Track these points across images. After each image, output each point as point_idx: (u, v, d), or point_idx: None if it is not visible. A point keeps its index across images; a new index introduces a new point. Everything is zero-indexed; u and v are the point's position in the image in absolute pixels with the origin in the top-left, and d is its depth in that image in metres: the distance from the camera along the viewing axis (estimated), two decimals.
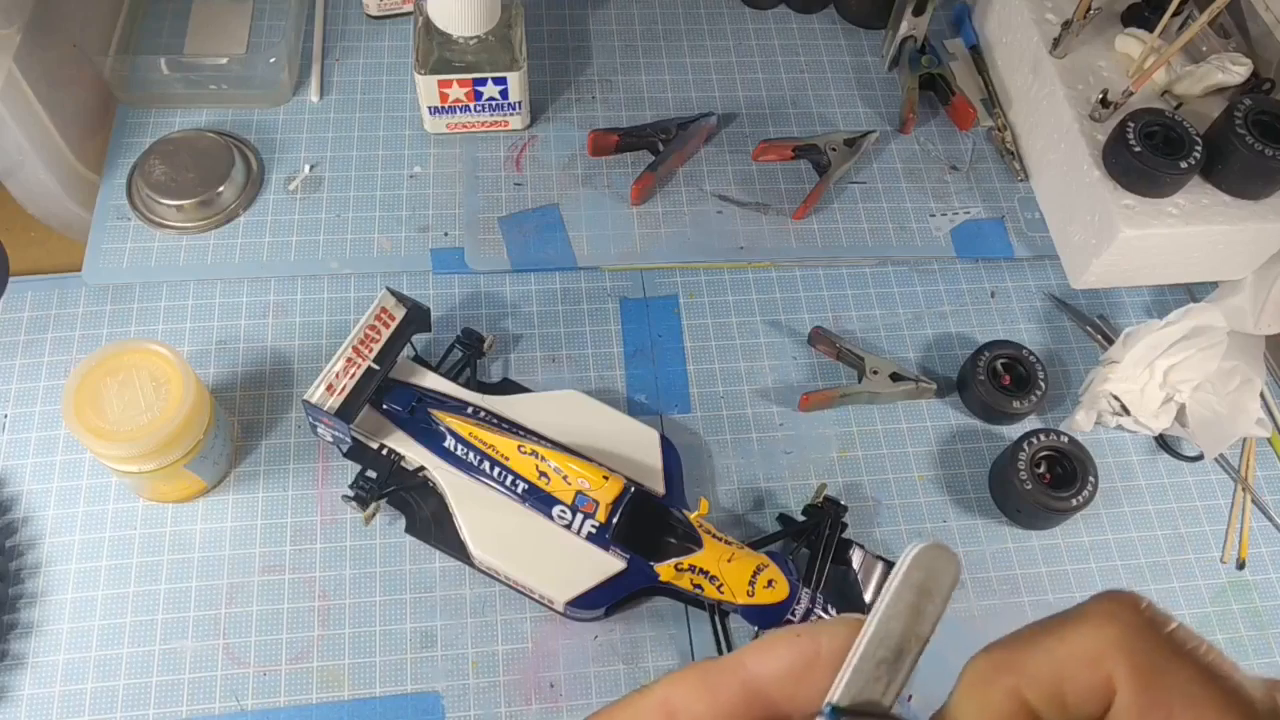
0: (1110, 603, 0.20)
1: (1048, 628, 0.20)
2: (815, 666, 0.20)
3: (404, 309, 0.62)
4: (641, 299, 0.72)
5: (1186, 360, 0.67)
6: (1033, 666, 0.20)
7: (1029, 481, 0.63)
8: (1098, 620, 0.19)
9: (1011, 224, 0.77)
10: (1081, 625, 0.20)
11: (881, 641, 0.20)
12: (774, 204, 0.76)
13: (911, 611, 0.20)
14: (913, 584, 0.20)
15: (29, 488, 0.62)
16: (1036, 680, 0.20)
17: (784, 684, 0.20)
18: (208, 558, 0.61)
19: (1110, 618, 0.19)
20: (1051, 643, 0.20)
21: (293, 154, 0.76)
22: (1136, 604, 0.19)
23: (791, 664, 0.20)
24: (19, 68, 0.66)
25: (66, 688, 0.57)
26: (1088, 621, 0.20)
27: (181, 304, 0.69)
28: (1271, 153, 0.64)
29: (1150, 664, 0.19)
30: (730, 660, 0.21)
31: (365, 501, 0.60)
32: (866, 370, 0.69)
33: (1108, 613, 0.19)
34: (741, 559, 0.57)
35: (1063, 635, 0.20)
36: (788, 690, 0.20)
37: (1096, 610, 0.20)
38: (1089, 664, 0.19)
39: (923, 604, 0.20)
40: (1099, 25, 0.76)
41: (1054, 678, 0.19)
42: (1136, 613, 0.19)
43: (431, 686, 0.58)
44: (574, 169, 0.77)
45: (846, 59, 0.85)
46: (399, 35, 0.83)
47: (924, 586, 0.20)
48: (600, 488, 0.58)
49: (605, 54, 0.84)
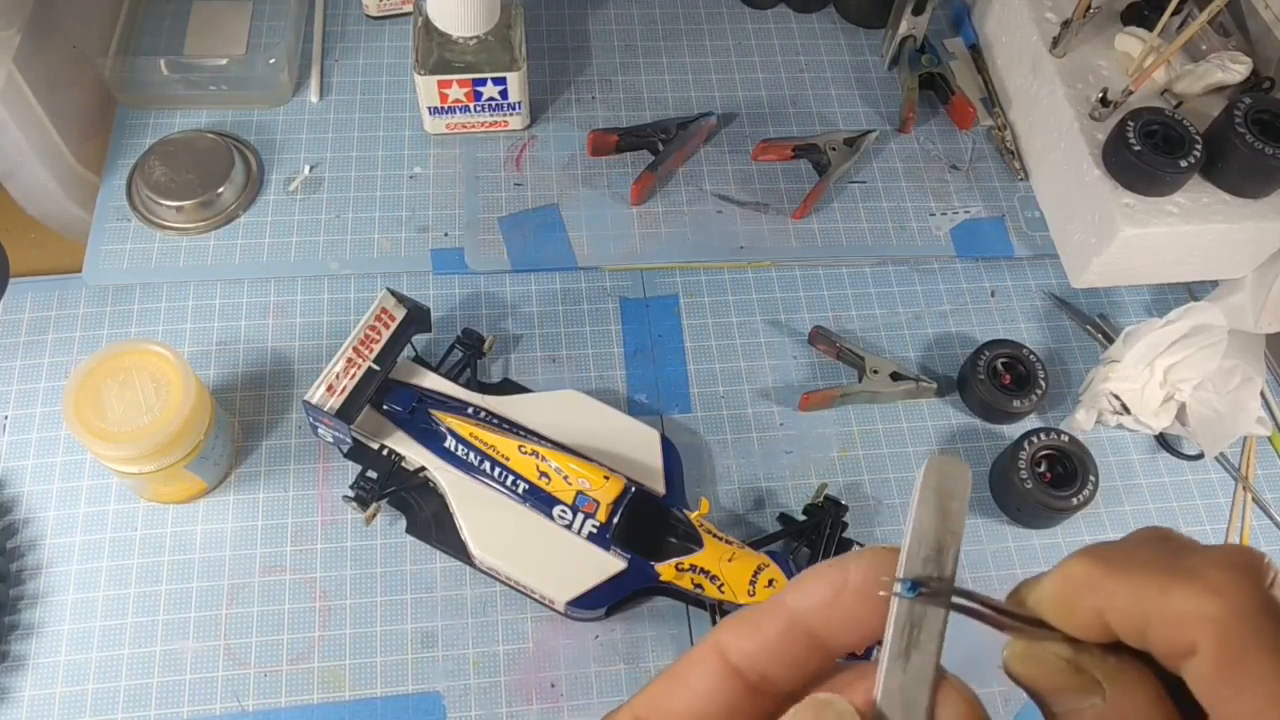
0: (1226, 572, 0.19)
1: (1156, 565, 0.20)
2: (844, 593, 0.21)
3: (404, 309, 0.62)
4: (641, 299, 0.72)
5: (1187, 359, 0.67)
6: (1124, 603, 0.20)
7: (1029, 481, 0.63)
8: (1205, 589, 0.19)
9: (1011, 223, 0.77)
10: (1189, 586, 0.19)
11: (921, 540, 0.21)
12: (774, 204, 0.76)
13: (940, 513, 0.22)
14: (933, 488, 0.22)
15: (29, 489, 0.62)
16: (1123, 615, 0.20)
17: (820, 613, 0.21)
18: (208, 559, 0.61)
19: (1217, 592, 0.19)
20: (1151, 590, 0.20)
21: (292, 154, 0.76)
22: (1258, 581, 0.19)
23: (823, 595, 0.21)
24: (19, 69, 0.66)
25: (68, 689, 0.57)
26: (1195, 585, 0.19)
27: (182, 305, 0.69)
28: (1271, 151, 0.64)
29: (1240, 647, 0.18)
30: (773, 600, 0.22)
31: (366, 502, 0.60)
32: (867, 370, 0.69)
33: (1218, 585, 0.19)
34: (742, 559, 0.57)
35: (1165, 588, 0.19)
36: (823, 618, 0.21)
37: (1210, 576, 0.19)
38: (1178, 625, 0.19)
39: (946, 504, 0.22)
40: (1098, 24, 0.76)
41: (1140, 621, 0.20)
42: (1251, 592, 0.19)
43: (432, 687, 0.58)
44: (574, 169, 0.77)
45: (846, 58, 0.85)
46: (399, 35, 0.83)
47: (943, 489, 0.22)
48: (601, 488, 0.58)
49: (605, 54, 0.84)
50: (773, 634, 0.22)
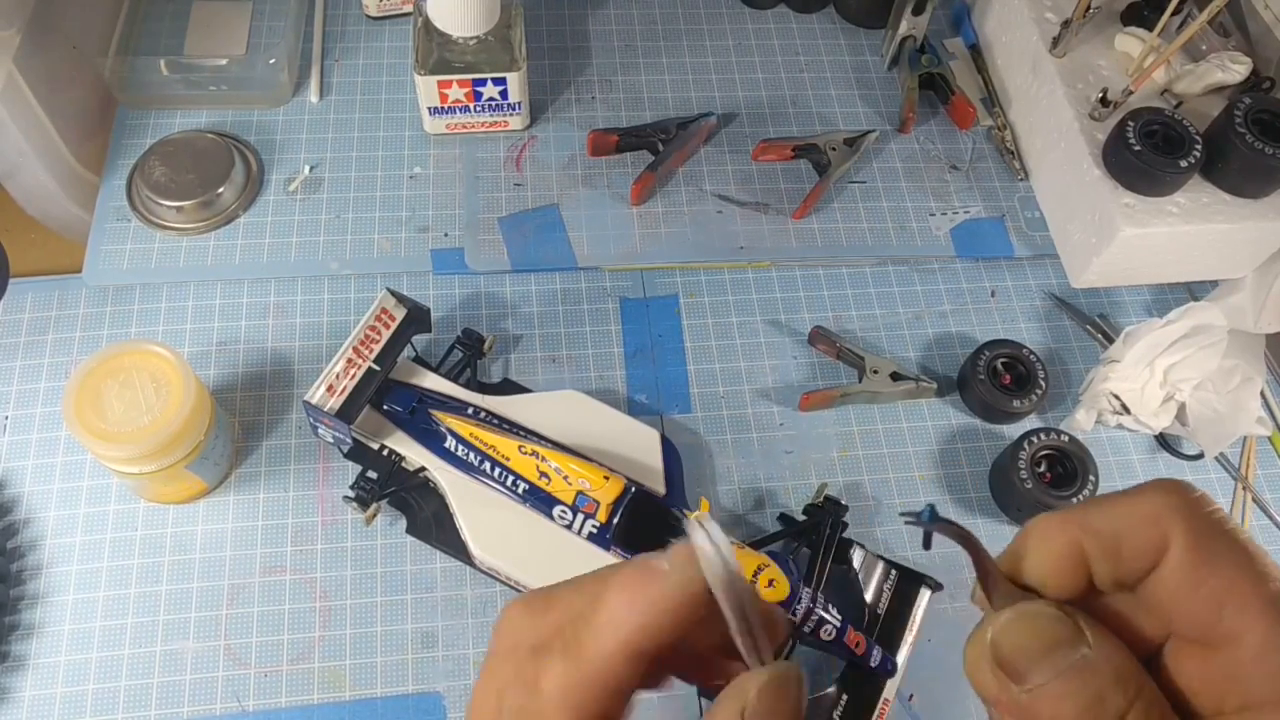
0: (1167, 481, 0.23)
1: (1109, 497, 0.23)
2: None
3: (404, 309, 0.62)
4: (641, 299, 0.72)
5: (1187, 359, 0.67)
6: (1096, 522, 0.23)
7: (1029, 481, 0.63)
8: (1158, 490, 0.22)
9: (1011, 223, 0.77)
10: (1143, 492, 0.23)
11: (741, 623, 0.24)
12: (774, 204, 0.76)
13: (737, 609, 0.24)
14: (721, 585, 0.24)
15: (30, 489, 0.62)
16: (1098, 534, 0.23)
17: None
18: (209, 559, 0.61)
19: (1169, 490, 0.22)
20: (1115, 504, 0.23)
21: (292, 155, 0.76)
22: (1189, 486, 0.22)
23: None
24: (19, 69, 0.66)
25: (68, 689, 0.57)
26: (1149, 491, 0.22)
27: (182, 305, 0.69)
28: (1271, 151, 0.64)
29: (1205, 528, 0.21)
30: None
31: (366, 502, 0.60)
32: (867, 370, 0.69)
33: (1167, 487, 0.22)
34: (742, 559, 0.57)
35: (1127, 499, 0.23)
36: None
37: (1156, 484, 0.23)
38: (1149, 522, 0.22)
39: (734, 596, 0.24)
40: (1098, 24, 0.76)
41: (1114, 533, 0.22)
42: (1190, 490, 0.22)
43: (433, 687, 0.58)
44: (574, 169, 0.77)
45: (846, 58, 0.85)
46: (399, 36, 0.83)
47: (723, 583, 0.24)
48: (601, 488, 0.58)
49: (605, 54, 0.84)
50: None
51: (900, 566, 0.61)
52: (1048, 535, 0.23)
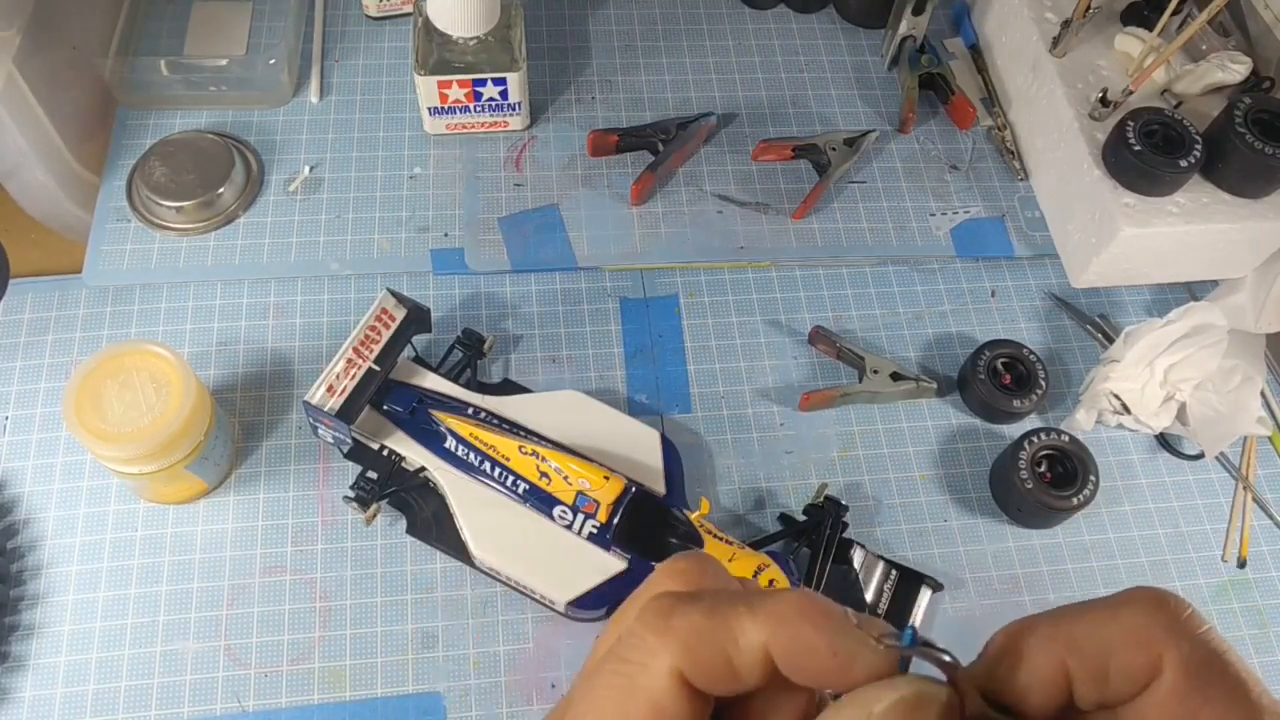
0: (1155, 594, 0.21)
1: (1093, 607, 0.21)
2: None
3: (404, 310, 0.62)
4: (641, 299, 0.72)
5: (1187, 359, 0.67)
6: (1082, 639, 0.21)
7: (1030, 480, 0.63)
8: (1148, 606, 0.20)
9: (1011, 223, 0.77)
10: (1133, 607, 0.20)
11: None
12: (774, 204, 0.76)
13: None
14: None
15: (30, 490, 0.62)
16: (1083, 653, 0.21)
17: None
18: (209, 559, 0.61)
19: (1158, 606, 0.20)
20: (1102, 620, 0.21)
21: (293, 155, 0.76)
22: (1180, 602, 0.20)
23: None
24: (19, 70, 0.66)
25: (68, 689, 0.57)
26: (1138, 605, 0.20)
27: (182, 305, 0.69)
28: (1271, 151, 0.64)
29: (1199, 654, 0.20)
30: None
31: (366, 502, 0.60)
32: (867, 370, 0.69)
33: (1155, 602, 0.20)
34: (743, 559, 0.57)
35: (1115, 615, 0.21)
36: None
37: (1143, 598, 0.21)
38: (1139, 644, 0.20)
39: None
40: (1098, 24, 0.76)
41: (1102, 652, 0.20)
42: (1181, 608, 0.20)
43: (433, 687, 0.58)
44: (574, 169, 0.77)
45: (846, 59, 0.85)
46: (399, 36, 0.83)
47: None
48: (601, 488, 0.58)
49: (605, 54, 0.84)
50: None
51: (901, 566, 0.61)
52: (1030, 652, 0.21)
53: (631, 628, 0.22)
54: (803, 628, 0.20)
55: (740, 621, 0.21)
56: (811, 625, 0.20)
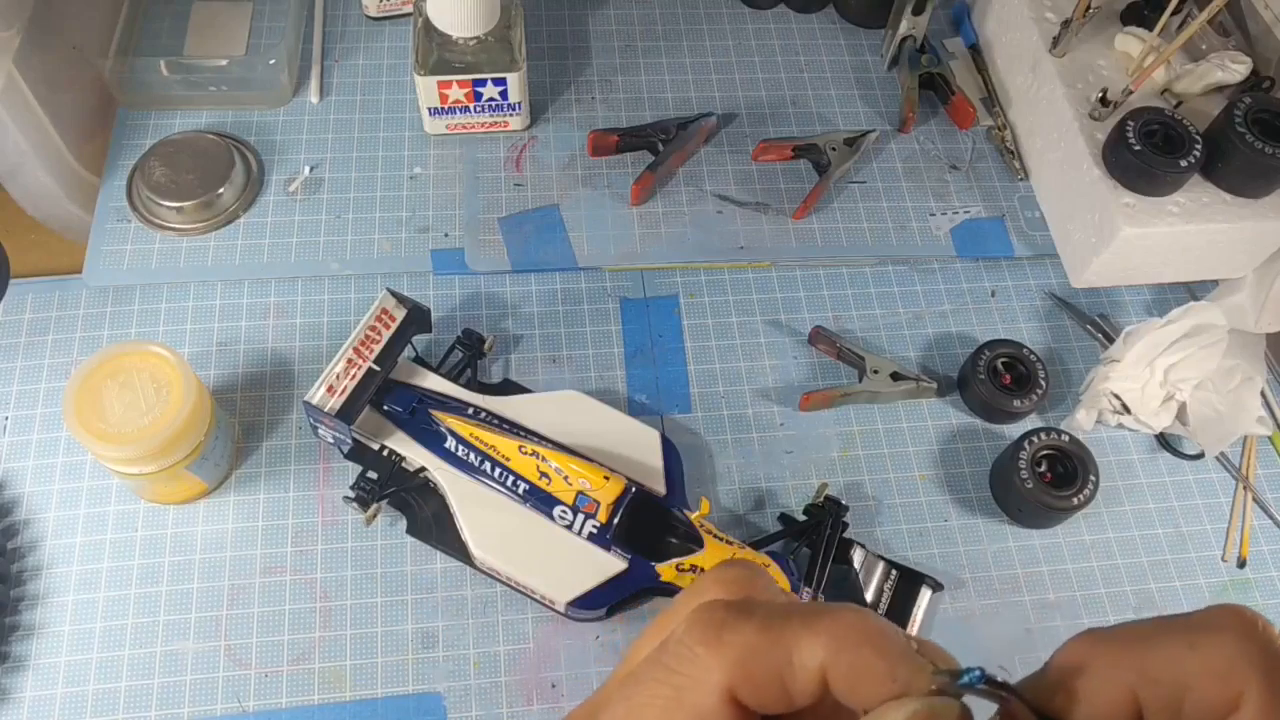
0: (1237, 616, 0.19)
1: (1169, 631, 0.19)
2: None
3: (404, 310, 0.62)
4: (642, 299, 0.72)
5: (1187, 359, 0.67)
6: (1156, 669, 0.19)
7: (1030, 480, 0.63)
8: (1231, 634, 0.19)
9: (1011, 223, 0.77)
10: (1213, 636, 0.19)
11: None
12: (774, 204, 0.76)
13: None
14: None
15: (30, 490, 0.62)
16: (1157, 684, 0.19)
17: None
18: (209, 559, 0.61)
19: (1244, 634, 0.19)
20: (1180, 650, 0.19)
21: (293, 155, 0.76)
22: (1266, 624, 0.19)
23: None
24: (19, 70, 0.66)
25: (68, 690, 0.57)
26: (1219, 633, 0.19)
27: (182, 305, 0.69)
28: (1271, 151, 0.64)
29: None
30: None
31: (366, 503, 0.60)
32: (867, 370, 0.69)
33: (1239, 628, 0.19)
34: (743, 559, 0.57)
35: (1194, 644, 0.19)
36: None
37: (1225, 623, 0.19)
38: (1220, 678, 0.18)
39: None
40: (1098, 24, 0.76)
41: (1178, 685, 0.19)
42: (1271, 639, 0.19)
43: (433, 687, 0.58)
44: (574, 169, 0.77)
45: (846, 59, 0.85)
46: (398, 36, 0.83)
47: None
48: (601, 488, 0.58)
49: (605, 54, 0.84)
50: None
51: (901, 566, 0.61)
52: (1095, 680, 0.19)
53: (680, 637, 0.21)
54: (863, 651, 0.19)
55: (797, 640, 0.20)
56: (873, 648, 0.19)
